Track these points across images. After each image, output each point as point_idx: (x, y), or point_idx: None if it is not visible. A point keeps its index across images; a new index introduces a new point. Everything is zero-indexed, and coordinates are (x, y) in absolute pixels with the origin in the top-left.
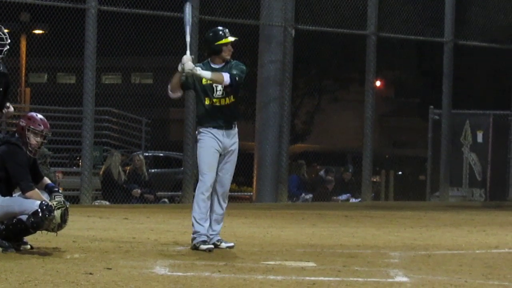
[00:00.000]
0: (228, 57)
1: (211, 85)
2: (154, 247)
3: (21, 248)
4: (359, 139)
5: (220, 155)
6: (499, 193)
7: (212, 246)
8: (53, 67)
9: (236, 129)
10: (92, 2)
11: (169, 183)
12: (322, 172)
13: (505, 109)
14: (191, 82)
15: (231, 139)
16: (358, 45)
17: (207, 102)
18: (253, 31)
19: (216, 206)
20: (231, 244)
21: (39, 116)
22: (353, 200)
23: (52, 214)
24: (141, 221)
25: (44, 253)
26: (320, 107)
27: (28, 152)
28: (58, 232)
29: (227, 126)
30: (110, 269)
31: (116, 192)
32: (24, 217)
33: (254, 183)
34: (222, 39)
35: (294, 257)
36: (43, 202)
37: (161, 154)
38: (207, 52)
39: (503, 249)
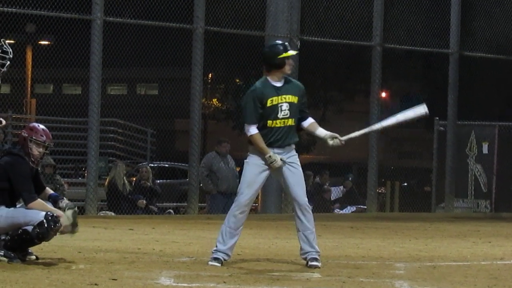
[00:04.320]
0: (289, 72)
1: (276, 106)
2: (159, 258)
3: (27, 259)
4: (364, 150)
5: (277, 172)
6: (505, 205)
7: (219, 265)
8: (58, 78)
9: (293, 146)
10: (98, 13)
11: (175, 194)
12: (317, 179)
13: (510, 120)
14: (261, 112)
15: (283, 155)
16: (363, 56)
17: (270, 124)
18: (259, 42)
19: (298, 223)
20: (317, 264)
21: (41, 126)
22: (349, 208)
23: (57, 225)
24: (146, 232)
25: (49, 264)
26: (325, 118)
27: (30, 163)
28: (72, 235)
29: (281, 145)
30: (115, 280)
31: (121, 203)
32: (29, 228)
33: (260, 194)
34: (284, 52)
35: (299, 268)
36: (49, 212)
37: (167, 165)
38: (266, 68)
39: (509, 261)
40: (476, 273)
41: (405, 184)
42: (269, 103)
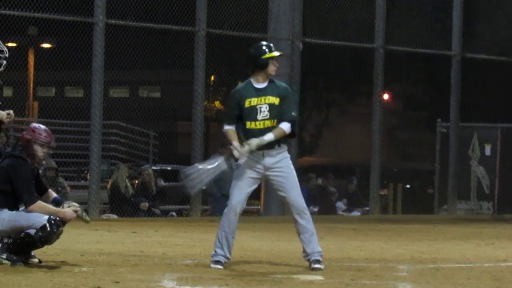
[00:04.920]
0: (274, 74)
1: (255, 107)
2: (162, 260)
3: (29, 262)
4: (367, 152)
5: (268, 177)
6: (507, 206)
7: (222, 267)
8: (61, 81)
9: (283, 148)
10: (100, 15)
11: (177, 196)
12: (319, 180)
13: None
14: (237, 114)
15: (274, 157)
16: (365, 58)
17: (249, 125)
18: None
19: (298, 227)
20: (320, 266)
21: (43, 127)
22: (355, 212)
23: (60, 228)
24: (149, 235)
25: (52, 266)
26: (328, 120)
27: (35, 164)
28: (87, 222)
29: (268, 147)
30: (118, 282)
31: (124, 206)
32: (32, 231)
33: (262, 196)
34: (268, 53)
35: (302, 271)
36: (51, 216)
37: (169, 168)
38: (250, 69)
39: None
40: (479, 275)
41: (408, 186)
42: (247, 104)
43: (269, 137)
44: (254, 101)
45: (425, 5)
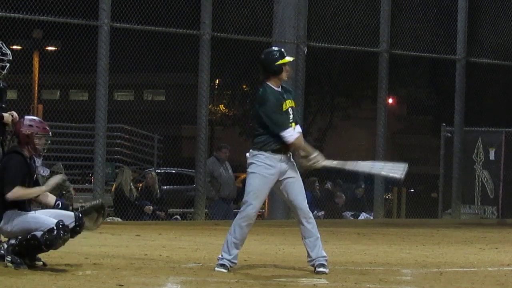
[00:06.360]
0: (286, 79)
1: (287, 110)
2: (166, 264)
3: (34, 265)
4: (371, 156)
5: (278, 180)
6: (511, 211)
7: (226, 271)
8: (65, 84)
9: (290, 153)
10: (105, 19)
11: (181, 200)
12: (328, 185)
13: None
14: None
15: (286, 163)
16: (370, 62)
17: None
18: (266, 49)
19: (304, 231)
20: (325, 270)
21: (37, 118)
22: (364, 215)
23: (67, 234)
24: (153, 238)
25: (56, 269)
26: (332, 124)
27: (38, 156)
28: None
29: (286, 151)
30: (122, 285)
31: (128, 209)
32: (38, 233)
33: (266, 200)
34: (281, 59)
35: (306, 274)
36: (60, 221)
37: (173, 171)
38: (263, 75)
39: None
40: (483, 279)
41: (412, 190)
42: (284, 108)
43: (330, 162)
44: (284, 105)
45: (429, 10)
